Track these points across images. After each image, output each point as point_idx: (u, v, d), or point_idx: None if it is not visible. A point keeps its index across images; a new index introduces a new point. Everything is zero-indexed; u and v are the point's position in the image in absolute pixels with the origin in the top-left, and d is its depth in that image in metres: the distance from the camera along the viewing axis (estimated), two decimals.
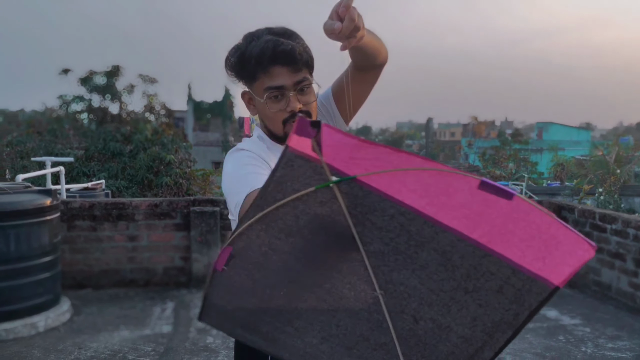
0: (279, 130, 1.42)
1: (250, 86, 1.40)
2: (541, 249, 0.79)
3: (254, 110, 1.45)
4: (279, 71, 1.33)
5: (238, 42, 1.39)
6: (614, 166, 23.77)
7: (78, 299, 4.88)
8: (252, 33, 1.37)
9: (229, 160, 1.43)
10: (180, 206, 5.37)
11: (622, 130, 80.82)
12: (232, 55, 1.39)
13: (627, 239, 4.90)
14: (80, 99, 15.80)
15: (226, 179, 1.39)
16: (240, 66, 1.37)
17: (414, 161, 0.76)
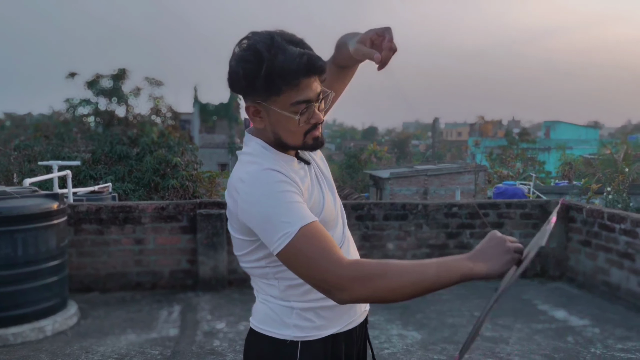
0: (297, 142, 1.36)
1: (267, 99, 1.30)
2: None
3: (262, 123, 1.36)
4: (307, 84, 1.29)
5: (253, 55, 1.26)
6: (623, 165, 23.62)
7: (85, 303, 4.89)
8: (268, 43, 1.26)
9: (258, 182, 1.29)
10: (186, 209, 5.37)
11: (630, 128, 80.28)
12: (252, 70, 1.26)
13: (636, 239, 4.85)
14: (87, 103, 15.86)
15: (260, 206, 1.26)
16: (265, 82, 1.26)
17: None
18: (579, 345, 4.06)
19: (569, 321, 4.58)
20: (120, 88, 15.88)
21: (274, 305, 1.40)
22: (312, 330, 1.39)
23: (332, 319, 1.41)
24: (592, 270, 5.41)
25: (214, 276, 5.30)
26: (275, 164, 1.33)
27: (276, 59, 1.24)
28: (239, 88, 1.33)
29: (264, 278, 1.41)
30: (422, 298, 5.07)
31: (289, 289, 1.38)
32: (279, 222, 1.23)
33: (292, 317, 1.39)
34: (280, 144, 1.38)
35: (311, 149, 1.40)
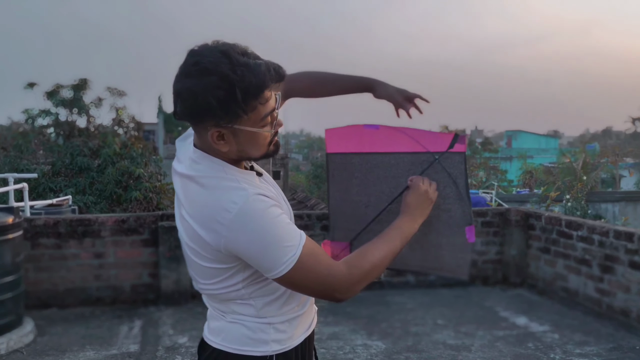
0: (262, 153, 1.34)
1: (236, 121, 1.25)
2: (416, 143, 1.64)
3: (226, 146, 1.29)
4: (269, 93, 1.26)
5: (216, 78, 1.20)
6: (581, 173, 24.32)
7: (42, 319, 4.74)
8: (227, 62, 1.20)
9: (250, 211, 1.25)
10: (147, 221, 5.28)
11: (588, 137, 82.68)
12: (223, 96, 1.20)
13: (593, 245, 4.99)
14: (47, 114, 15.49)
15: (261, 236, 1.24)
16: (241, 104, 1.21)
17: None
18: (539, 351, 4.14)
19: (529, 327, 4.67)
20: (81, 98, 15.56)
21: (250, 324, 1.39)
22: (287, 341, 1.42)
23: (303, 325, 1.47)
24: (552, 276, 5.53)
25: (176, 290, 5.22)
26: (255, 185, 1.31)
27: (245, 78, 1.20)
28: (205, 117, 1.25)
29: (237, 300, 1.38)
30: (386, 308, 5.09)
31: (266, 306, 1.38)
32: (283, 247, 1.25)
33: (271, 332, 1.39)
34: (245, 159, 1.36)
35: (272, 156, 1.40)
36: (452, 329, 4.61)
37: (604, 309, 4.86)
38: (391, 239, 1.42)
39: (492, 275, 6.00)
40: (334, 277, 1.31)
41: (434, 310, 5.11)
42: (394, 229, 1.45)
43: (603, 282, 4.88)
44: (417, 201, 1.52)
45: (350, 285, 1.33)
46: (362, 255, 1.36)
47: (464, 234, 1.63)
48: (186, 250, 1.40)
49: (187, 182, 1.34)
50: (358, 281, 1.34)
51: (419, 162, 1.63)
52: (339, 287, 1.32)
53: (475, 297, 5.54)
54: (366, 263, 1.35)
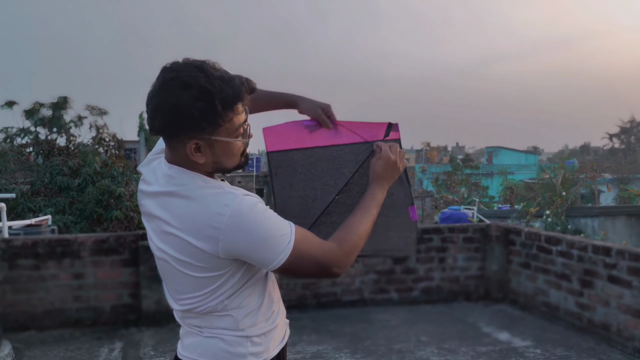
0: (234, 164, 1.41)
1: (213, 133, 1.31)
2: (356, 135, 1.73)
3: (202, 158, 1.34)
4: (241, 105, 1.35)
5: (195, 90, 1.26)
6: (561, 188, 24.59)
7: (20, 342, 4.65)
8: (203, 76, 1.27)
9: (243, 211, 1.31)
10: (128, 241, 5.23)
11: (567, 153, 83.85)
12: (204, 107, 1.27)
13: (572, 260, 5.05)
14: (26, 132, 15.32)
15: (257, 231, 1.31)
16: (221, 114, 1.29)
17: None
18: None
19: (512, 342, 4.69)
20: (61, 117, 15.43)
21: (228, 338, 1.41)
22: (263, 354, 1.45)
23: (277, 338, 1.50)
24: (533, 291, 5.57)
25: (157, 310, 5.15)
26: (237, 189, 1.38)
27: (223, 90, 1.28)
28: (183, 129, 1.30)
29: (218, 312, 1.41)
30: (370, 325, 5.08)
31: (245, 318, 1.42)
32: (278, 237, 1.33)
33: (248, 346, 1.42)
34: (219, 170, 1.41)
35: (242, 167, 1.47)
36: (436, 345, 4.61)
37: (585, 323, 4.90)
38: (369, 209, 1.53)
39: (474, 290, 6.03)
40: (328, 254, 1.40)
41: (417, 326, 5.12)
42: (368, 199, 1.55)
43: (583, 296, 4.94)
44: (385, 169, 1.60)
45: (344, 258, 1.43)
46: (348, 229, 1.46)
47: (407, 214, 1.75)
48: (173, 265, 1.40)
49: (168, 198, 1.37)
50: (350, 252, 1.44)
51: (359, 152, 1.72)
52: (335, 262, 1.41)
53: (458, 313, 5.56)
54: (353, 235, 1.45)
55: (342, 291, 5.67)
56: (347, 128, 1.74)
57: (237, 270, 1.38)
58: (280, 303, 1.56)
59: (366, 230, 1.50)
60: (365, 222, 1.50)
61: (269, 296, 1.49)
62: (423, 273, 5.92)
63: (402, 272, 5.88)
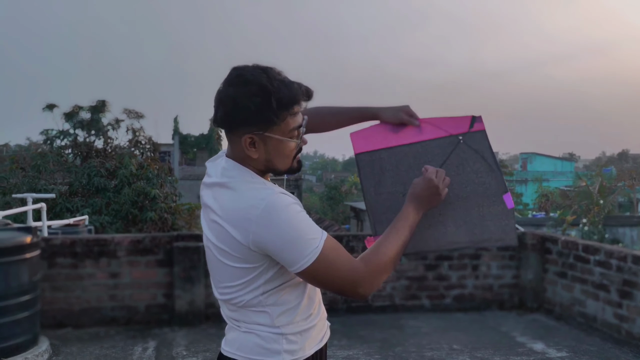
0: (286, 166, 1.48)
1: (268, 129, 1.40)
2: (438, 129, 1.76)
3: (256, 153, 1.43)
4: (297, 110, 1.43)
5: (255, 87, 1.36)
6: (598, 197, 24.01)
7: (57, 339, 4.76)
8: (265, 76, 1.38)
9: (276, 207, 1.36)
10: (163, 242, 5.31)
11: (604, 160, 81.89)
12: (260, 102, 1.36)
13: (611, 270, 4.92)
14: (65, 135, 15.73)
15: (286, 229, 1.35)
16: (275, 111, 1.38)
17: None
18: None
19: (547, 353, 4.59)
20: (99, 120, 15.79)
21: (264, 334, 1.45)
22: (299, 352, 1.47)
23: (314, 338, 1.52)
24: (569, 301, 5.45)
25: (190, 311, 5.22)
26: (279, 188, 1.43)
27: (281, 90, 1.38)
28: (241, 123, 1.40)
29: (253, 307, 1.45)
30: (401, 332, 5.04)
31: (281, 316, 1.45)
32: (307, 240, 1.36)
33: (283, 343, 1.45)
34: (270, 170, 1.48)
35: (295, 172, 1.52)
36: (468, 354, 4.55)
37: (623, 335, 4.77)
38: (400, 230, 1.51)
39: (508, 299, 5.93)
40: (355, 271, 1.40)
41: (450, 334, 5.05)
42: (401, 220, 1.53)
43: (622, 307, 4.80)
44: (421, 191, 1.57)
45: (370, 279, 1.42)
46: (377, 250, 1.46)
47: (503, 202, 1.71)
48: (214, 254, 1.47)
49: (218, 189, 1.46)
50: (377, 275, 1.44)
51: (445, 145, 1.75)
52: (360, 281, 1.41)
53: (491, 322, 5.47)
54: (382, 257, 1.44)
55: (373, 296, 5.65)
56: (431, 124, 1.77)
57: (271, 266, 1.42)
58: (320, 305, 1.58)
59: (396, 253, 1.48)
60: (395, 244, 1.48)
61: (308, 297, 1.51)
62: (455, 280, 5.85)
63: (434, 279, 5.82)
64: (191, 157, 36.21)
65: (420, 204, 1.57)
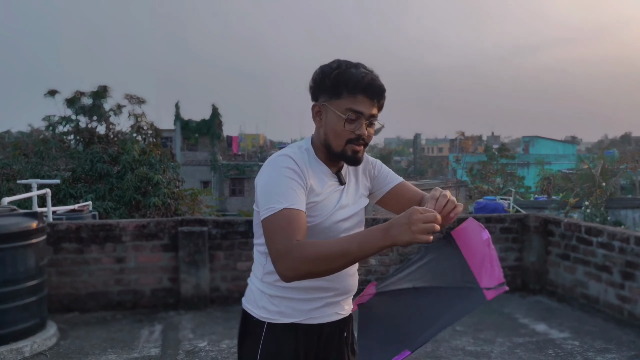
0: (338, 147, 1.59)
1: (328, 100, 1.58)
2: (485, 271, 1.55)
3: (320, 123, 1.62)
4: (362, 100, 1.56)
5: (332, 63, 1.59)
6: (600, 179, 24.00)
7: (65, 323, 4.82)
8: (350, 62, 1.59)
9: (274, 162, 1.57)
10: (167, 226, 5.35)
11: (607, 143, 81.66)
12: (326, 72, 1.58)
13: (613, 252, 4.94)
14: (67, 121, 15.72)
15: (266, 178, 1.55)
16: (332, 82, 1.56)
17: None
18: (559, 358, 4.11)
19: (549, 334, 4.63)
20: (101, 105, 15.78)
21: (253, 287, 1.70)
22: (275, 314, 1.64)
23: (295, 309, 1.64)
24: (571, 283, 5.48)
25: (196, 294, 5.27)
26: (297, 156, 1.58)
27: (348, 70, 1.56)
28: (315, 88, 1.61)
29: (259, 257, 1.68)
30: None
31: (267, 275, 1.64)
32: (273, 196, 1.50)
33: (264, 299, 1.65)
34: (327, 147, 1.62)
35: (349, 162, 1.63)
36: (471, 335, 4.59)
37: (626, 316, 4.81)
38: (353, 241, 1.40)
39: (511, 281, 5.96)
40: (284, 247, 1.43)
41: None
42: (361, 234, 1.42)
43: (624, 288, 4.84)
44: (400, 218, 1.36)
45: (292, 262, 1.41)
46: (319, 242, 1.45)
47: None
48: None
49: None
50: (301, 263, 1.41)
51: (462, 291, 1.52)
52: (283, 258, 1.43)
53: (494, 304, 5.51)
54: (317, 250, 1.41)
55: (377, 279, 5.68)
56: (487, 258, 1.55)
57: None
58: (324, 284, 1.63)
59: (330, 256, 1.39)
60: (335, 249, 1.39)
61: None
62: None
63: None
64: (193, 142, 36.17)
65: (392, 228, 1.35)
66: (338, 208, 1.65)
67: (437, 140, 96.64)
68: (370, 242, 1.38)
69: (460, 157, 47.74)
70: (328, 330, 1.70)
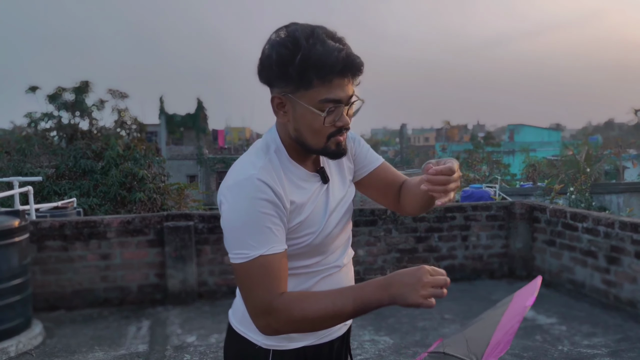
0: (319, 144, 1.29)
1: (294, 92, 1.23)
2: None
3: (285, 117, 1.28)
4: (339, 83, 1.22)
5: (287, 39, 1.20)
6: (584, 165, 24.26)
7: (51, 322, 4.76)
8: (312, 31, 1.20)
9: (242, 189, 1.24)
10: (153, 222, 5.29)
11: (591, 129, 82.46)
12: (285, 55, 1.19)
13: (598, 237, 4.98)
14: (49, 117, 15.52)
15: (234, 214, 1.24)
16: (298, 70, 1.19)
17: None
18: (547, 343, 4.14)
19: (536, 320, 4.67)
20: (83, 101, 15.61)
21: (244, 307, 1.38)
22: (282, 340, 1.38)
23: (296, 336, 1.40)
24: (558, 268, 5.53)
25: (183, 289, 5.23)
26: (267, 173, 1.26)
27: (314, 49, 1.18)
28: (268, 75, 1.25)
29: None
30: None
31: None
32: (244, 240, 1.23)
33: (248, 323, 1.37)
34: (301, 144, 1.30)
35: (332, 156, 1.33)
36: (460, 322, 4.61)
37: (611, 300, 4.85)
38: (343, 297, 1.22)
39: (498, 269, 6.00)
40: (265, 304, 1.23)
41: (441, 304, 5.11)
42: (354, 289, 1.24)
43: (609, 273, 4.88)
44: (403, 276, 1.19)
45: (271, 323, 1.23)
46: (303, 300, 1.24)
47: None
48: None
49: None
50: (280, 324, 1.24)
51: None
52: (262, 315, 1.24)
53: (482, 291, 5.55)
54: (300, 311, 1.22)
55: (365, 270, 5.69)
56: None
57: None
58: None
59: (319, 317, 1.22)
60: (325, 308, 1.22)
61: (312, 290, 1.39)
62: (446, 252, 5.90)
63: (424, 251, 5.87)
64: (178, 136, 35.98)
65: (390, 289, 1.19)
66: (328, 217, 1.37)
67: (423, 130, 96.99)
68: (368, 301, 1.21)
69: (446, 146, 47.97)
70: (337, 345, 1.53)
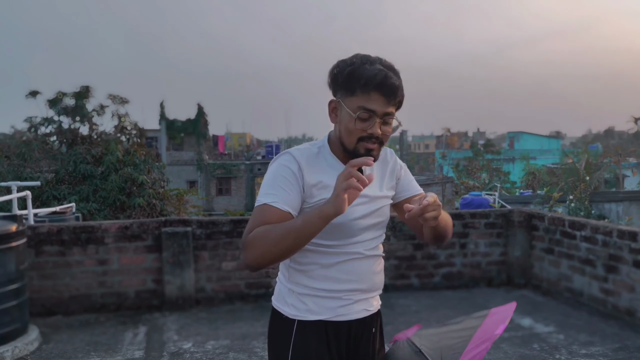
0: (350, 144, 1.59)
1: (343, 97, 1.58)
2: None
3: (335, 119, 1.64)
4: (376, 98, 1.54)
5: (349, 59, 1.58)
6: (584, 173, 24.25)
7: (47, 327, 4.75)
8: (366, 56, 1.58)
9: (278, 158, 1.65)
10: (151, 227, 5.29)
11: (590, 137, 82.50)
12: (341, 67, 1.58)
13: (596, 245, 4.98)
14: (50, 122, 15.53)
15: (267, 173, 1.65)
16: (346, 78, 1.56)
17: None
18: (544, 352, 4.12)
19: (534, 328, 4.65)
20: (83, 106, 15.61)
21: (281, 286, 1.74)
22: (305, 312, 1.67)
23: (323, 307, 1.68)
24: (556, 277, 5.51)
25: (180, 295, 5.22)
26: (302, 152, 1.63)
27: (362, 66, 1.55)
28: (331, 81, 1.61)
29: (284, 263, 1.73)
30: (390, 310, 5.08)
31: (294, 274, 1.69)
32: (264, 191, 1.60)
33: (292, 298, 1.69)
34: (341, 143, 1.62)
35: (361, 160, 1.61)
36: None
37: (609, 309, 4.84)
38: (294, 220, 1.53)
39: (496, 276, 5.99)
40: (246, 234, 1.54)
41: (439, 312, 5.10)
42: (305, 214, 1.53)
43: (607, 282, 4.87)
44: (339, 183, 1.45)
45: (247, 247, 1.51)
46: (265, 228, 1.52)
47: None
48: None
49: None
50: (251, 251, 1.51)
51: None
52: (243, 249, 1.54)
53: (480, 299, 5.53)
54: (260, 235, 1.51)
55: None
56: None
57: None
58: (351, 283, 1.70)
59: (282, 235, 1.47)
60: (285, 226, 1.49)
61: (323, 267, 1.67)
62: (444, 259, 5.90)
63: (422, 258, 5.86)
64: (178, 142, 35.93)
65: (327, 202, 1.46)
66: (355, 204, 1.58)
67: (423, 137, 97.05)
68: (311, 214, 1.47)
69: (446, 153, 47.97)
70: (357, 327, 1.73)
